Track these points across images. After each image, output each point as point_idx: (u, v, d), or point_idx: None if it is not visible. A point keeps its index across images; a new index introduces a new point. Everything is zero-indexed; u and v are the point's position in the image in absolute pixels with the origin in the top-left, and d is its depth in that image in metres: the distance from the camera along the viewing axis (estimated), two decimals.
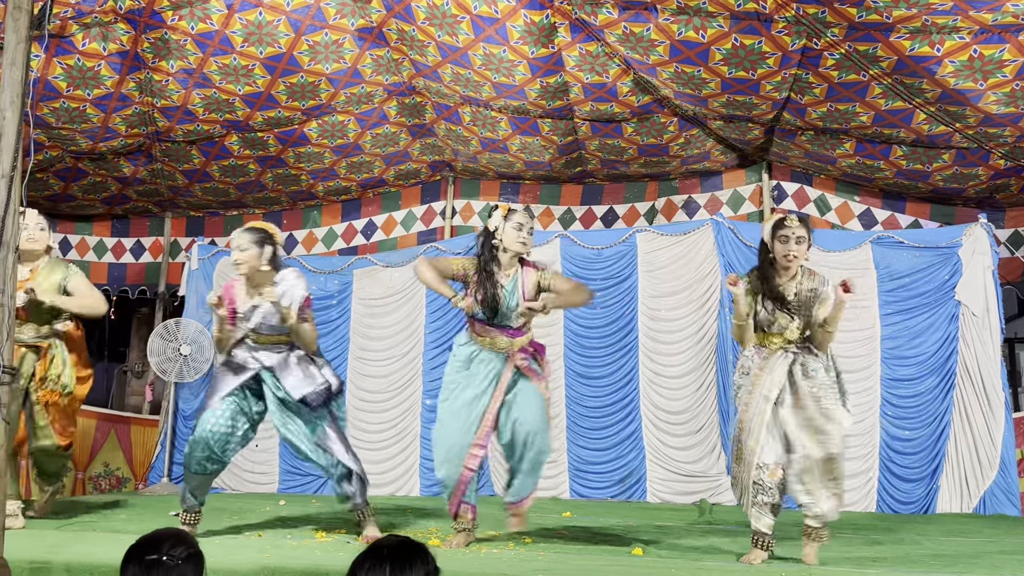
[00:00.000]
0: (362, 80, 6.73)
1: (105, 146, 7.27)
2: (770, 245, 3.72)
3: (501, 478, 4.21)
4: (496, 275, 4.00)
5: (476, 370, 4.05)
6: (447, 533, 4.36)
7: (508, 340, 4.03)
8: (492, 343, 4.03)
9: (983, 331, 6.34)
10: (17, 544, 3.43)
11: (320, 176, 7.91)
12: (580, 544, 4.20)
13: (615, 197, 7.88)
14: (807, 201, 7.32)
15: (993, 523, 5.64)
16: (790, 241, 3.65)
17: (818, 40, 5.44)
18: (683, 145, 7.12)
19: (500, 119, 6.97)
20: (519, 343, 4.05)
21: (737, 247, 6.73)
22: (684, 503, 6.41)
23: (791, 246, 3.65)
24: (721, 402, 6.61)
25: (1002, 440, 6.14)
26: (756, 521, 3.70)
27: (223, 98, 6.72)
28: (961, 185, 6.86)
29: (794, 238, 3.65)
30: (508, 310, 4.00)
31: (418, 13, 5.98)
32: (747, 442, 3.66)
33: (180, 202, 8.30)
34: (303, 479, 7.28)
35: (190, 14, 5.97)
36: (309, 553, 3.61)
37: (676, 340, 6.79)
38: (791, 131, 6.64)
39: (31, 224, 4.41)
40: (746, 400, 3.71)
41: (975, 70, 5.33)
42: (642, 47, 5.82)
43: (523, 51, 6.08)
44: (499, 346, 4.03)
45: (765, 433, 3.62)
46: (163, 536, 1.92)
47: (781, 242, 3.67)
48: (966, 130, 6.04)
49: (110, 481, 7.19)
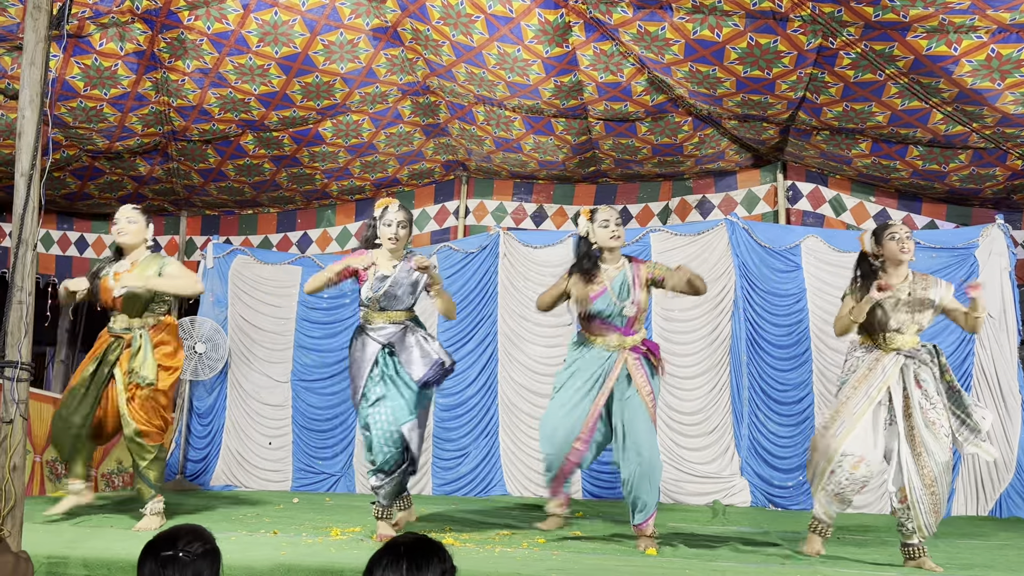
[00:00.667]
0: (376, 80, 6.75)
1: (121, 145, 7.32)
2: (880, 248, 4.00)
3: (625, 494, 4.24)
4: (597, 274, 4.14)
5: (585, 366, 4.16)
6: (461, 531, 4.37)
7: (620, 338, 4.14)
8: (604, 341, 4.15)
9: (999, 333, 6.29)
10: (35, 539, 3.46)
11: (334, 175, 7.94)
12: (594, 543, 4.19)
13: (629, 197, 7.87)
14: (822, 201, 7.29)
15: (1009, 526, 5.60)
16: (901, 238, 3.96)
17: (834, 39, 5.41)
18: (697, 145, 7.09)
19: (514, 118, 6.98)
20: (630, 342, 4.14)
21: (751, 247, 6.71)
22: (697, 504, 6.39)
23: (905, 243, 3.96)
24: (735, 403, 6.59)
25: (1019, 442, 6.10)
26: (819, 506, 3.87)
27: (239, 98, 6.75)
28: (978, 186, 6.81)
29: (904, 236, 3.97)
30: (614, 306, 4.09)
31: (433, 13, 5.99)
32: (836, 431, 3.79)
33: (195, 201, 8.35)
34: (316, 477, 7.31)
35: (206, 14, 6.00)
36: (324, 551, 3.62)
37: (690, 341, 6.77)
38: (806, 131, 6.61)
39: (121, 218, 4.62)
40: (848, 394, 3.86)
41: (992, 70, 5.28)
42: (657, 46, 5.81)
43: (537, 50, 6.08)
44: (611, 344, 4.14)
45: (860, 428, 3.76)
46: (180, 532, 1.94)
47: (894, 240, 3.96)
48: (983, 130, 5.99)
49: (123, 478, 7.23)
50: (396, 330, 4.33)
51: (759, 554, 3.94)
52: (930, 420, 3.74)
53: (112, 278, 4.52)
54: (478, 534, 4.38)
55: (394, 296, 4.34)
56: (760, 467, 6.50)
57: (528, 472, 6.91)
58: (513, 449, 6.97)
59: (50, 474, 6.47)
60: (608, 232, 4.18)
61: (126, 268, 4.52)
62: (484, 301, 7.22)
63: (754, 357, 6.65)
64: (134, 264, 4.55)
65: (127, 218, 4.63)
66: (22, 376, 3.01)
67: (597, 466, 6.76)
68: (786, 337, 6.63)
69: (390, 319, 4.35)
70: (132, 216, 4.64)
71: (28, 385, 3.07)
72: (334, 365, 7.44)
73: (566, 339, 6.93)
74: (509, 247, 7.21)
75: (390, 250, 4.38)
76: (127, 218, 4.63)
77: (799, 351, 6.60)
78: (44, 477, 6.41)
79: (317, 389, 7.44)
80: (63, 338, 9.50)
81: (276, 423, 7.51)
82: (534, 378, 7.00)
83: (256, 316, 7.67)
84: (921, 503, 3.70)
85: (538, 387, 6.98)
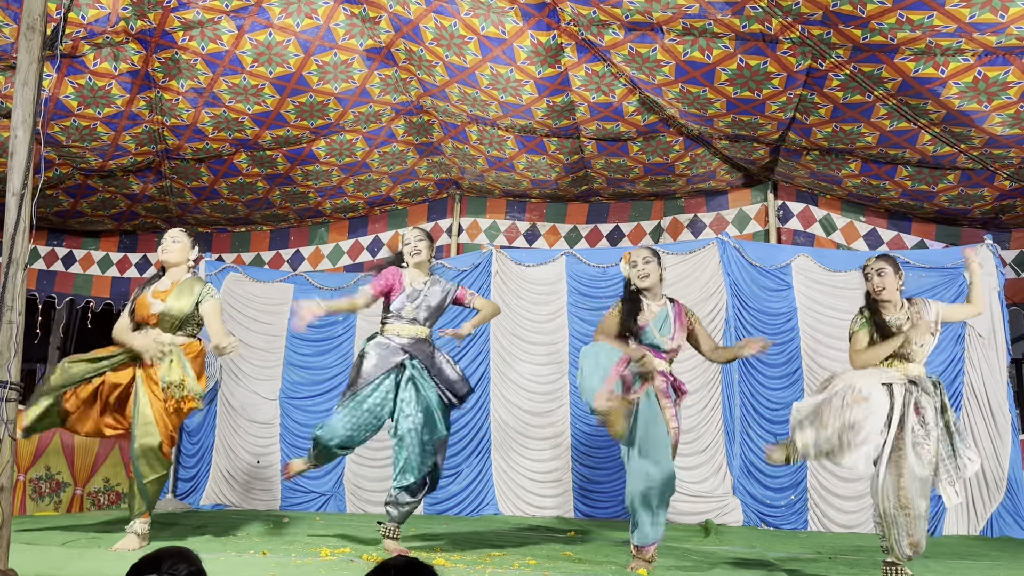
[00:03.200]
0: (370, 99, 6.78)
1: (115, 163, 7.33)
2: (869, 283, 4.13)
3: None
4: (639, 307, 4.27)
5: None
6: (452, 552, 4.35)
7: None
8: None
9: (989, 352, 6.32)
10: (22, 560, 3.44)
11: (328, 194, 7.96)
12: (585, 564, 4.18)
13: (621, 215, 7.91)
14: (812, 221, 7.33)
15: (1000, 546, 5.59)
16: (872, 277, 4.07)
17: (823, 61, 5.47)
18: (689, 164, 7.14)
19: (507, 138, 7.02)
20: (662, 366, 4.23)
21: (743, 266, 6.73)
22: (689, 523, 6.38)
23: (874, 281, 4.06)
24: (727, 421, 6.59)
25: (1009, 462, 6.11)
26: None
27: (232, 117, 6.78)
28: (967, 206, 6.86)
29: (874, 272, 4.06)
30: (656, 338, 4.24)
31: (426, 34, 6.03)
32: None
33: (188, 218, 8.36)
34: (305, 496, 7.27)
35: (201, 34, 6.03)
36: (314, 571, 3.60)
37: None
38: (796, 151, 6.66)
39: (167, 238, 4.80)
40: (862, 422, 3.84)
41: (979, 91, 5.35)
42: (648, 67, 5.86)
43: (530, 71, 6.13)
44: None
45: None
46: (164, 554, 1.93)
47: (867, 281, 4.09)
48: (971, 151, 6.05)
49: (109, 497, 7.18)
50: (422, 345, 4.58)
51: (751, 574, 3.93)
52: (919, 446, 3.82)
53: (151, 295, 4.64)
54: (469, 554, 4.36)
55: (426, 308, 4.64)
56: (752, 486, 6.50)
57: (520, 492, 6.89)
58: (505, 468, 6.95)
59: (33, 492, 6.43)
60: (636, 272, 4.32)
61: (166, 287, 4.67)
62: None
63: (746, 376, 6.66)
64: (174, 284, 4.69)
65: (172, 238, 4.80)
66: (11, 396, 3.00)
67: (589, 486, 6.77)
68: (777, 356, 6.64)
69: (416, 333, 4.60)
70: (177, 236, 4.82)
71: (16, 405, 3.06)
72: (323, 383, 7.43)
73: (557, 358, 6.96)
74: (502, 265, 7.22)
75: (415, 265, 4.71)
76: (172, 238, 4.80)
77: (790, 370, 6.61)
78: (26, 496, 6.36)
79: (306, 407, 7.41)
80: (54, 355, 9.46)
81: (265, 441, 7.48)
82: (527, 396, 6.99)
83: (247, 334, 7.64)
84: (895, 524, 3.75)
85: (530, 406, 6.97)
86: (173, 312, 4.55)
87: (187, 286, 4.66)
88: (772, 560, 4.53)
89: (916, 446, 3.81)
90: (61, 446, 6.78)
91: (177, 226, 5.20)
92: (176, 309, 4.55)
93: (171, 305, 4.55)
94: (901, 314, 4.05)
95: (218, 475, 7.40)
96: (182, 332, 4.64)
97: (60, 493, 6.75)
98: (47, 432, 6.62)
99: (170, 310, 4.55)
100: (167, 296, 4.58)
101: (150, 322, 4.59)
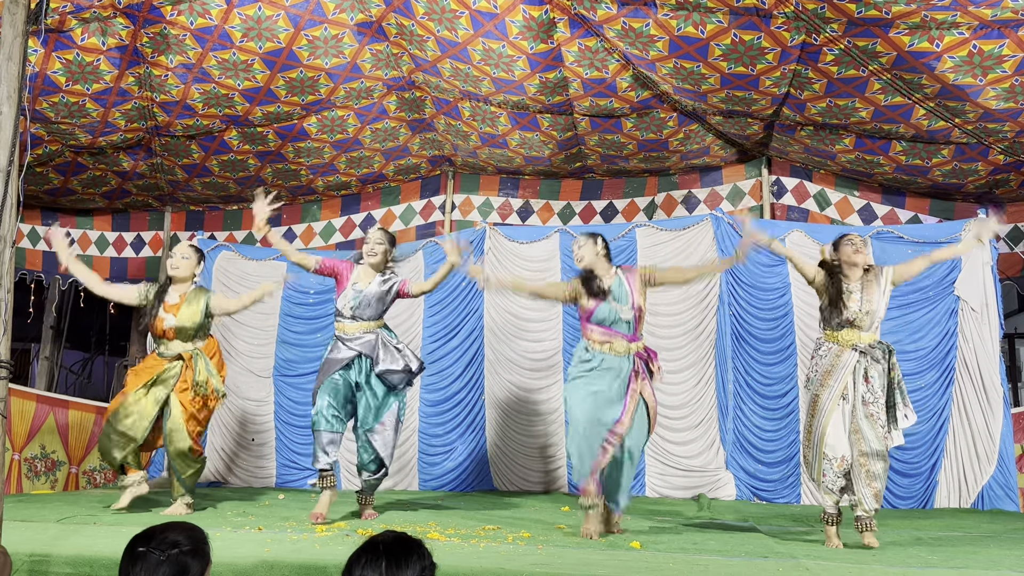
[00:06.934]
0: (361, 75, 6.72)
1: (104, 140, 7.27)
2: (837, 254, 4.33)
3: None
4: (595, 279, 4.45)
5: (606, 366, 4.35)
6: (445, 528, 4.37)
7: (626, 344, 4.38)
8: (612, 348, 4.37)
9: (982, 326, 6.34)
10: (17, 537, 3.45)
11: (320, 171, 7.91)
12: (578, 538, 4.20)
13: (615, 192, 7.88)
14: (807, 196, 7.32)
15: (991, 518, 5.65)
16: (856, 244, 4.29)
17: (817, 36, 5.43)
18: (682, 140, 7.11)
19: (500, 114, 6.97)
20: (635, 348, 4.39)
21: (736, 242, 6.72)
22: (683, 497, 6.42)
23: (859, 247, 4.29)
24: (720, 397, 6.62)
25: (1000, 435, 6.16)
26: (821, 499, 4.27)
27: (222, 93, 6.71)
28: (961, 180, 6.85)
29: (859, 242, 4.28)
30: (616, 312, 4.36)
31: (417, 8, 5.97)
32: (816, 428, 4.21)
33: (180, 196, 8.31)
34: (300, 473, 7.29)
35: (189, 9, 5.96)
36: (309, 547, 3.62)
37: (675, 335, 6.80)
38: (791, 126, 6.63)
39: (177, 253, 5.16)
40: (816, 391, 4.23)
41: (974, 65, 5.32)
42: (641, 42, 5.81)
43: (522, 46, 6.07)
44: (618, 350, 4.36)
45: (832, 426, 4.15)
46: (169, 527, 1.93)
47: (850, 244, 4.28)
48: (965, 125, 6.03)
49: (105, 475, 7.20)
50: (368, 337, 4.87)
51: (744, 547, 3.96)
52: (870, 412, 4.13)
53: (163, 310, 5.05)
54: (463, 528, 4.38)
55: (367, 306, 4.90)
56: (745, 461, 6.54)
57: (515, 467, 6.93)
58: (500, 444, 6.98)
59: (28, 471, 6.44)
60: (575, 258, 4.56)
61: (175, 301, 5.07)
62: (470, 296, 7.22)
63: (739, 351, 6.68)
64: (182, 297, 5.08)
65: (182, 255, 5.16)
66: (1, 374, 2.98)
67: None
68: (771, 331, 6.66)
69: (360, 329, 4.89)
70: (187, 253, 5.17)
71: (7, 383, 3.05)
72: (316, 361, 7.38)
73: (552, 334, 6.97)
74: (495, 242, 7.21)
75: (370, 265, 4.96)
76: (182, 255, 5.16)
77: (784, 345, 6.63)
78: (22, 475, 6.37)
79: (299, 384, 7.42)
80: (47, 335, 9.44)
81: (259, 419, 7.49)
82: (520, 373, 7.01)
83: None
84: (859, 478, 4.09)
85: (524, 382, 6.99)
86: (186, 324, 5.01)
87: (193, 297, 5.09)
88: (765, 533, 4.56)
89: (868, 416, 4.12)
90: (55, 425, 6.78)
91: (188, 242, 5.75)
92: (189, 320, 5.01)
93: (183, 317, 5.01)
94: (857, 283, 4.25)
95: (213, 453, 7.41)
96: (197, 338, 5.09)
97: (56, 472, 6.76)
98: (41, 411, 6.64)
99: (183, 322, 5.01)
100: (178, 310, 5.03)
101: (168, 336, 5.04)
